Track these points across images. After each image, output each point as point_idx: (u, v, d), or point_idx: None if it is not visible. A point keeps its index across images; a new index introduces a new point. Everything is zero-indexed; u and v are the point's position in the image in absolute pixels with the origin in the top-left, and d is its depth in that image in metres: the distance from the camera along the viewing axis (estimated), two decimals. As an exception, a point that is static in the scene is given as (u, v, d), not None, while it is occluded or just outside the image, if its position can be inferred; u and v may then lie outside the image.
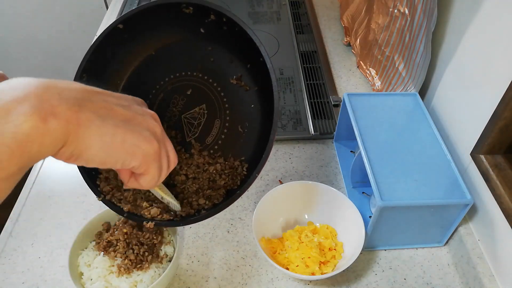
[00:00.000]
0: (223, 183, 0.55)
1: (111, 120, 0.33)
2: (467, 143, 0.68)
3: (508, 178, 0.59)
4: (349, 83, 1.00)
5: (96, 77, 0.57)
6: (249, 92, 0.57)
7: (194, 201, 0.54)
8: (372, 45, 0.97)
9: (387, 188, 0.60)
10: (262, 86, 0.55)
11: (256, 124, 0.56)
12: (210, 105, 0.58)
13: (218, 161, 0.56)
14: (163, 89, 0.60)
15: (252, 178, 0.51)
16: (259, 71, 0.52)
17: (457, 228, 0.69)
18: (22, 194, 0.75)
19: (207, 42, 0.57)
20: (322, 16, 1.24)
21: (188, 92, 0.58)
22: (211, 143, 0.57)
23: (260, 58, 0.51)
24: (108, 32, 0.55)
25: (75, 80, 0.55)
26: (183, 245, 0.67)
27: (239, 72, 0.57)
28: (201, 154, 0.57)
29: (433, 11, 0.71)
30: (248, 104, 0.57)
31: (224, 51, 0.57)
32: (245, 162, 0.56)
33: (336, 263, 0.62)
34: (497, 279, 0.63)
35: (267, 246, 0.63)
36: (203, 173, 0.56)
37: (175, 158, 0.41)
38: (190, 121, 0.58)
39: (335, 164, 0.80)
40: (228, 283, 0.62)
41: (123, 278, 0.54)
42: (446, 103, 0.77)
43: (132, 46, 0.59)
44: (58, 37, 1.78)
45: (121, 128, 0.33)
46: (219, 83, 0.58)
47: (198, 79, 0.58)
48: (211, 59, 0.58)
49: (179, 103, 0.59)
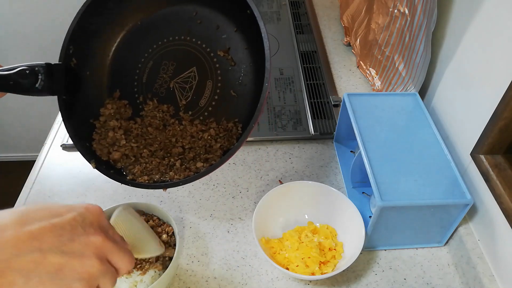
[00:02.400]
0: (219, 146, 0.55)
1: (37, 277, 0.31)
2: (467, 143, 0.68)
3: (508, 178, 0.59)
4: (349, 83, 1.00)
5: (83, 49, 0.57)
6: (241, 51, 0.56)
7: (192, 165, 0.54)
8: (372, 45, 0.97)
9: (387, 188, 0.60)
10: (253, 42, 0.54)
11: (249, 84, 0.55)
12: (200, 67, 0.57)
13: (211, 126, 0.56)
14: (151, 56, 0.59)
15: (249, 129, 0.48)
16: (249, 27, 0.51)
17: (457, 228, 0.69)
18: (22, 194, 0.75)
19: (193, 5, 0.57)
20: (322, 16, 1.24)
21: (178, 56, 0.58)
22: (204, 105, 0.57)
23: (247, 11, 0.49)
24: (91, 1, 0.55)
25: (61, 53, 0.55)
26: (183, 245, 0.67)
27: (228, 30, 0.56)
28: (193, 124, 0.57)
29: (433, 11, 0.71)
30: (239, 63, 0.56)
31: (211, 11, 0.56)
32: (239, 123, 0.56)
33: (336, 263, 0.62)
34: (497, 279, 0.63)
35: (267, 246, 0.63)
36: (198, 141, 0.56)
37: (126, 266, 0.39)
38: (181, 85, 0.58)
39: (335, 164, 0.80)
40: (228, 283, 0.62)
41: (123, 278, 0.54)
42: (446, 103, 0.77)
43: (117, 15, 0.58)
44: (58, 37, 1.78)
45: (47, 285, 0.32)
46: (208, 44, 0.57)
47: (186, 42, 0.58)
48: (198, 21, 0.57)
49: (169, 69, 0.59)
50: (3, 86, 0.49)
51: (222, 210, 0.72)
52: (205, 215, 0.71)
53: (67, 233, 0.34)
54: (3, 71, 0.48)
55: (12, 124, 1.92)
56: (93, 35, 0.58)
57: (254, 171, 0.79)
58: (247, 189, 0.75)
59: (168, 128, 0.57)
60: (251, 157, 0.81)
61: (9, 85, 0.49)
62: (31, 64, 0.49)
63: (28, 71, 0.49)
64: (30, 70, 0.49)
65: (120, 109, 0.59)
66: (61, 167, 0.80)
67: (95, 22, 0.57)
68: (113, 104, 0.59)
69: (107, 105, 0.58)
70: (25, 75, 0.48)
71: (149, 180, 0.53)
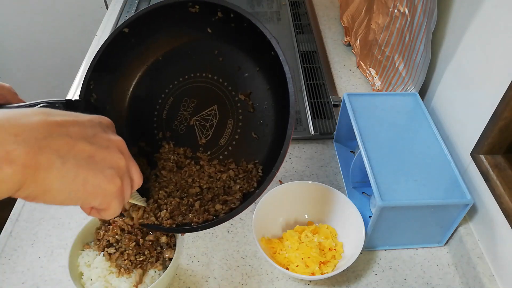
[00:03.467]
0: (239, 187, 0.53)
1: (73, 159, 0.31)
2: (467, 143, 0.68)
3: (508, 178, 0.59)
4: (349, 83, 1.00)
5: (104, 85, 0.56)
6: (262, 91, 0.55)
7: (211, 207, 0.52)
8: (372, 45, 0.97)
9: (387, 188, 0.60)
10: (275, 83, 0.53)
11: (270, 124, 0.54)
12: (221, 106, 0.56)
13: (230, 167, 0.55)
14: (172, 92, 0.58)
15: (271, 175, 0.48)
16: (271, 67, 0.50)
17: (457, 228, 0.69)
18: (22, 194, 0.74)
19: (215, 42, 0.56)
20: (322, 16, 1.24)
21: (199, 93, 0.57)
22: (224, 145, 0.56)
23: (271, 52, 0.49)
24: (114, 37, 0.54)
25: (81, 89, 0.54)
26: (183, 245, 0.67)
27: (251, 69, 0.55)
28: (211, 164, 0.56)
29: (433, 11, 0.71)
30: (261, 102, 0.55)
31: (234, 49, 0.55)
32: (259, 164, 0.54)
33: (336, 263, 0.62)
34: (497, 279, 0.63)
35: (267, 246, 0.63)
36: (216, 181, 0.55)
37: (139, 180, 0.40)
38: (202, 123, 0.57)
39: (335, 164, 0.80)
40: (228, 283, 0.62)
41: (123, 278, 0.54)
42: (446, 103, 0.77)
43: (138, 50, 0.57)
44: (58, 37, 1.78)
45: (83, 168, 0.32)
46: (229, 82, 0.56)
47: (208, 80, 0.57)
48: (220, 59, 0.57)
49: (190, 106, 0.58)
50: None
51: (222, 210, 0.72)
52: (205, 215, 0.71)
53: (89, 129, 0.35)
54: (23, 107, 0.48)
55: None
56: (114, 70, 0.57)
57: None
58: (247, 189, 0.75)
59: (184, 169, 0.56)
60: (251, 157, 0.81)
61: None
62: (51, 100, 0.49)
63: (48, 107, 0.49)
64: (49, 106, 0.49)
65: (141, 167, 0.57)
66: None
67: (116, 57, 0.56)
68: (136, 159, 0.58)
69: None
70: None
71: (172, 224, 0.51)
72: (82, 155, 0.32)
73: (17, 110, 0.30)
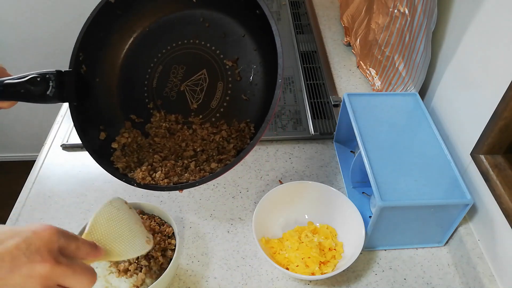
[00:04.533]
0: (232, 146, 0.54)
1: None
2: (467, 143, 0.68)
3: (508, 178, 0.59)
4: (349, 83, 1.00)
5: (93, 56, 0.57)
6: (250, 52, 0.56)
7: (206, 166, 0.53)
8: (372, 45, 0.97)
9: (387, 188, 0.60)
10: (263, 43, 0.54)
11: (259, 83, 0.55)
12: (210, 69, 0.57)
13: (222, 128, 0.56)
14: (161, 61, 0.60)
15: (264, 125, 0.47)
16: (259, 27, 0.51)
17: (457, 228, 0.69)
18: (22, 194, 0.75)
19: (200, 9, 0.57)
20: (322, 16, 1.24)
21: (187, 60, 0.58)
22: (216, 107, 0.57)
23: (257, 11, 0.49)
24: (100, 9, 0.55)
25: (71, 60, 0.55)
26: (183, 245, 0.67)
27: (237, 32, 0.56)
28: (203, 127, 0.57)
29: (433, 11, 0.71)
30: (250, 63, 0.56)
31: (219, 14, 0.57)
32: (251, 123, 0.55)
33: (336, 263, 0.62)
34: (497, 279, 0.63)
35: (267, 246, 0.63)
36: (210, 143, 0.56)
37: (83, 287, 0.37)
38: (192, 88, 0.58)
39: (335, 164, 0.80)
40: (228, 283, 0.62)
41: (123, 278, 0.54)
42: (446, 103, 0.77)
43: (125, 21, 0.58)
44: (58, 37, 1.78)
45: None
46: (217, 46, 0.57)
47: (196, 45, 0.58)
48: (206, 25, 0.58)
49: (180, 72, 0.59)
50: (14, 94, 0.49)
51: (222, 210, 0.72)
52: (205, 215, 0.71)
53: (6, 264, 0.31)
54: (14, 80, 0.48)
55: (12, 124, 1.92)
56: (102, 41, 0.58)
57: (254, 171, 0.79)
58: (247, 189, 0.75)
59: (177, 134, 0.57)
60: (251, 157, 0.81)
61: (20, 93, 0.49)
62: (41, 72, 0.50)
63: (39, 78, 0.49)
64: (41, 77, 0.49)
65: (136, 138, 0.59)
66: (61, 167, 0.80)
67: (104, 29, 0.57)
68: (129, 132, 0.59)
69: (124, 134, 0.58)
70: (36, 83, 0.49)
71: (168, 183, 0.52)
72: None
73: None
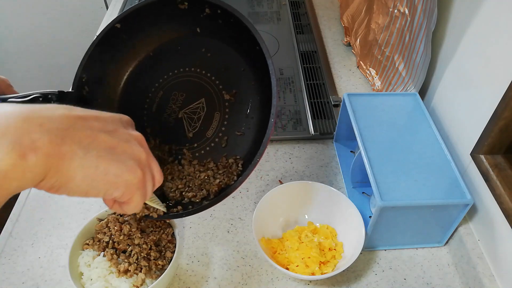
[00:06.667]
0: (218, 182, 0.55)
1: (94, 150, 0.32)
2: (467, 143, 0.68)
3: (508, 178, 0.59)
4: (349, 83, 1.00)
5: (95, 78, 0.57)
6: (248, 85, 0.57)
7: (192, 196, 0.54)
8: (372, 45, 0.97)
9: (387, 188, 0.60)
10: (261, 77, 0.54)
11: (255, 116, 0.56)
12: (209, 99, 0.58)
13: (209, 167, 0.57)
14: (162, 86, 0.60)
15: (252, 165, 0.49)
16: (257, 61, 0.52)
17: (457, 228, 0.69)
18: (22, 194, 0.75)
19: (203, 38, 0.58)
20: (322, 16, 1.24)
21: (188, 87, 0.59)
22: (211, 137, 0.58)
23: (256, 47, 0.50)
24: (106, 32, 0.56)
25: (74, 82, 0.56)
26: (183, 245, 0.67)
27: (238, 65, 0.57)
28: (191, 164, 0.58)
29: (433, 11, 0.71)
30: (247, 95, 0.57)
31: (221, 45, 0.57)
32: (240, 160, 0.56)
33: (336, 263, 0.62)
34: (497, 279, 0.63)
35: (267, 246, 0.63)
36: (195, 180, 0.56)
37: (160, 177, 0.40)
38: (190, 116, 0.59)
39: (335, 164, 0.80)
40: (228, 283, 0.62)
41: (123, 278, 0.54)
42: (446, 103, 0.77)
43: (130, 46, 0.59)
44: (58, 37, 1.78)
45: (104, 159, 0.32)
46: (217, 76, 0.58)
47: (196, 74, 0.59)
48: (208, 55, 0.58)
49: (179, 99, 0.59)
50: None
51: (222, 210, 0.72)
52: (205, 215, 0.71)
53: (110, 124, 0.35)
54: (17, 99, 0.49)
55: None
56: (106, 64, 0.58)
57: (254, 171, 0.78)
58: (247, 189, 0.75)
59: (167, 167, 0.58)
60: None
61: None
62: (44, 92, 0.51)
63: (41, 98, 0.50)
64: (43, 97, 0.50)
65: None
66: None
67: (108, 52, 0.58)
68: None
69: None
70: (38, 103, 0.50)
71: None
72: (104, 147, 0.33)
73: (40, 104, 0.31)
